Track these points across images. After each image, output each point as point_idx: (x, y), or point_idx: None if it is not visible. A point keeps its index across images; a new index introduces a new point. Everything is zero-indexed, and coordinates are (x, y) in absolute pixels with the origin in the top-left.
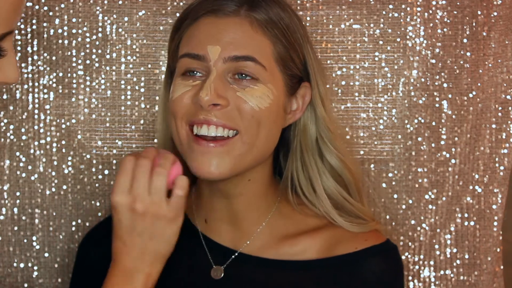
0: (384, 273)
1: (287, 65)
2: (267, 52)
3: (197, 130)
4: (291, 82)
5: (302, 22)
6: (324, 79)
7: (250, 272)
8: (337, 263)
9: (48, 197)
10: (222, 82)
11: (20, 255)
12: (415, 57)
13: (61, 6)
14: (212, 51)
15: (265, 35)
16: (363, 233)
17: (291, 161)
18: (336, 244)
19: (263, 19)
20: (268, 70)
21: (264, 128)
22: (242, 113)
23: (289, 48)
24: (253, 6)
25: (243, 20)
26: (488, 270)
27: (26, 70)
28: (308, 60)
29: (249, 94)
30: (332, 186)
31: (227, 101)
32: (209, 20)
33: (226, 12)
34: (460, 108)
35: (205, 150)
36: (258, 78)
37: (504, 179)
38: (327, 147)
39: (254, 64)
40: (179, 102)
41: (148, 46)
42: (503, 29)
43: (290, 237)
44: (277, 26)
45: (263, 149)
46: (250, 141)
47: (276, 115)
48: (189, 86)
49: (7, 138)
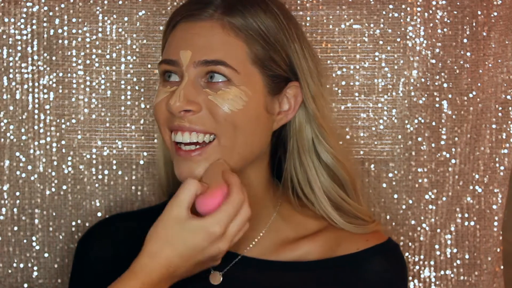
0: (387, 272)
1: (267, 66)
2: (241, 54)
3: (174, 137)
4: (273, 82)
5: (294, 22)
6: (316, 78)
7: (251, 275)
8: (339, 263)
9: (48, 197)
10: (194, 87)
11: (20, 255)
12: (415, 57)
13: (61, 6)
14: (183, 56)
15: (238, 37)
16: (365, 234)
17: (289, 162)
18: (337, 245)
19: (237, 22)
20: (242, 72)
21: (242, 130)
22: (215, 117)
23: (269, 49)
24: (227, 9)
25: (215, 23)
26: (488, 270)
27: (26, 70)
28: (295, 60)
29: (220, 97)
30: (330, 186)
31: (198, 106)
32: (185, 25)
33: (201, 17)
34: (460, 108)
35: (186, 158)
36: (231, 80)
37: (504, 179)
38: (321, 145)
39: (225, 68)
40: (159, 108)
41: (148, 46)
42: (503, 29)
43: (292, 241)
44: (253, 28)
45: (245, 152)
46: (228, 144)
47: (255, 117)
48: (167, 92)
49: (7, 138)
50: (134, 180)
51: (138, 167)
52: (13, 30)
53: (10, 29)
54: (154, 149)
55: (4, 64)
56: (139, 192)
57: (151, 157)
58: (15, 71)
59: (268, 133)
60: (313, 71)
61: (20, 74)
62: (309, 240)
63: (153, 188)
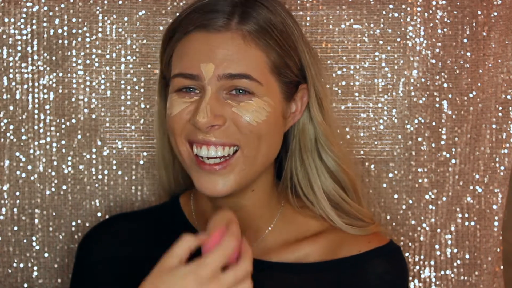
0: (388, 274)
1: (283, 73)
2: (262, 65)
3: (197, 150)
4: (287, 88)
5: (296, 21)
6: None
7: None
8: (340, 265)
9: (48, 197)
10: (218, 100)
11: (20, 255)
12: (415, 57)
13: (61, 6)
14: (206, 70)
15: (258, 47)
16: (366, 236)
17: (290, 161)
18: (339, 247)
19: (254, 30)
20: (264, 84)
21: (265, 141)
22: (240, 128)
23: (284, 55)
24: (243, 17)
25: (235, 34)
26: (489, 270)
27: (26, 70)
28: (304, 62)
29: (244, 109)
30: (330, 186)
31: (223, 120)
32: (200, 35)
33: (217, 27)
34: (460, 108)
35: (210, 172)
36: (254, 93)
37: (504, 179)
38: (324, 150)
39: (249, 81)
40: (177, 119)
41: (148, 46)
42: (503, 29)
43: (293, 242)
44: (269, 35)
45: (265, 159)
46: (251, 155)
47: (275, 124)
48: (186, 102)
49: (7, 138)
50: (134, 180)
51: (138, 167)
52: (13, 30)
53: (10, 29)
54: (154, 149)
55: (4, 64)
56: (139, 192)
57: (151, 157)
58: (15, 71)
59: (281, 137)
60: (318, 72)
61: (20, 74)
62: (311, 241)
63: (153, 188)
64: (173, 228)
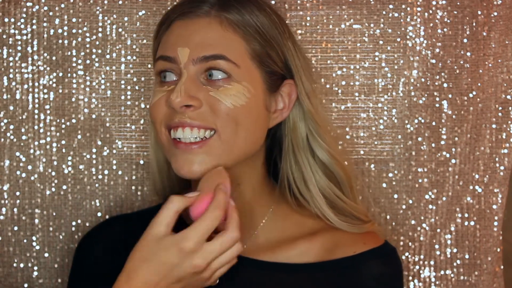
0: (383, 276)
1: (265, 62)
2: (240, 49)
3: (173, 134)
4: (270, 79)
5: (284, 21)
6: (310, 76)
7: (248, 276)
8: (336, 266)
9: (48, 197)
10: (194, 83)
11: (20, 255)
12: (415, 57)
13: (61, 6)
14: (181, 53)
15: (236, 33)
16: (362, 236)
17: (285, 161)
18: (334, 247)
19: (234, 18)
20: (242, 67)
21: (243, 126)
22: (217, 112)
23: (265, 45)
24: (224, 6)
25: (213, 19)
26: (488, 270)
27: (26, 70)
28: (289, 57)
29: (222, 93)
30: (325, 184)
31: (199, 102)
32: (181, 23)
33: (198, 13)
34: (460, 108)
35: (186, 151)
36: (232, 76)
37: (504, 179)
38: (316, 143)
39: (225, 62)
40: (156, 107)
41: (148, 46)
42: (503, 29)
43: (287, 240)
44: (250, 24)
45: (244, 148)
46: (229, 140)
47: (256, 114)
48: (164, 91)
49: (7, 138)
50: (134, 180)
51: (138, 167)
52: (13, 30)
53: (10, 29)
54: None
55: (4, 64)
56: (139, 192)
57: None
58: (15, 71)
59: (265, 130)
60: (306, 69)
61: (20, 74)
62: (306, 240)
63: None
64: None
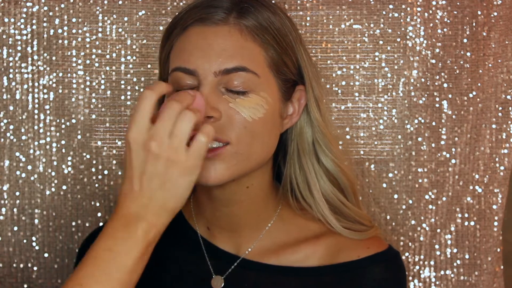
0: (387, 281)
1: (281, 70)
2: (259, 59)
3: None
4: (285, 87)
5: (295, 24)
6: (319, 81)
7: (252, 278)
8: (339, 270)
9: (48, 197)
10: (215, 94)
11: (20, 255)
12: (415, 57)
13: (61, 6)
14: (202, 67)
15: (255, 42)
16: (365, 241)
17: (289, 165)
18: (338, 251)
19: (252, 26)
20: (262, 77)
21: (259, 139)
22: (233, 124)
23: (282, 52)
24: (242, 12)
25: (232, 28)
26: (489, 270)
27: (26, 70)
28: (302, 63)
29: (241, 105)
30: (329, 189)
31: (219, 113)
32: (198, 29)
33: (215, 20)
34: (460, 108)
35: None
36: (251, 86)
37: (504, 179)
38: (322, 151)
39: (245, 74)
40: None
41: (148, 46)
42: (503, 29)
43: (292, 244)
44: (268, 31)
45: (260, 158)
46: (244, 152)
47: (272, 123)
48: None
49: (7, 138)
50: None
51: None
52: (13, 30)
53: (10, 29)
54: None
55: (4, 64)
56: None
57: None
58: (15, 71)
59: (278, 136)
60: (316, 75)
61: (20, 74)
62: (310, 243)
63: None
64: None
